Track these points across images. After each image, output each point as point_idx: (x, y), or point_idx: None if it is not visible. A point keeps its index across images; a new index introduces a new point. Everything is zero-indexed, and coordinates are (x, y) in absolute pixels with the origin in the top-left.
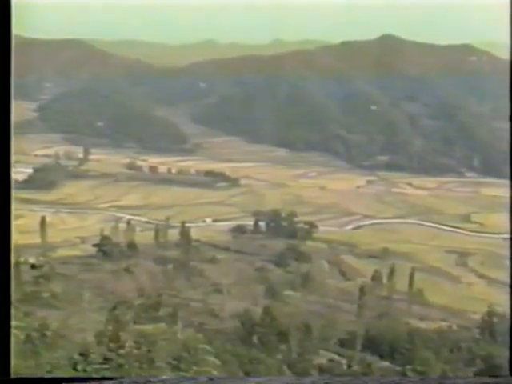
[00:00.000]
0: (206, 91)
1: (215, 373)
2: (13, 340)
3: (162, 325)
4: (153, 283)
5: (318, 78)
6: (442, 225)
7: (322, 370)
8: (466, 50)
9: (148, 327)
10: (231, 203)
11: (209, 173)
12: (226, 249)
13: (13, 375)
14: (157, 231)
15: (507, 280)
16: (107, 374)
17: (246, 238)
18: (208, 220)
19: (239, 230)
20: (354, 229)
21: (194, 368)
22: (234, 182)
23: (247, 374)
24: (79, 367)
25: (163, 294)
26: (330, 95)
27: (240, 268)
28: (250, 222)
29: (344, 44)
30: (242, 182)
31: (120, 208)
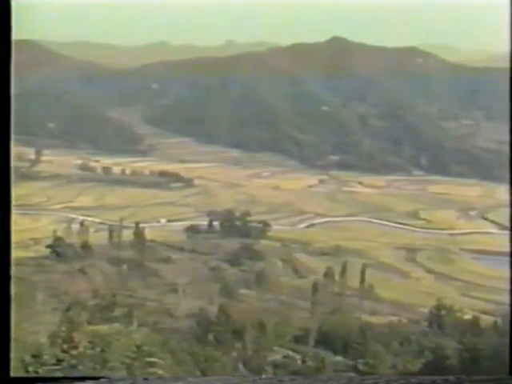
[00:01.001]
0: (158, 92)
1: (160, 372)
2: None
3: (117, 325)
4: (107, 284)
5: (270, 79)
6: (392, 222)
7: (276, 366)
8: (413, 52)
9: (102, 327)
10: (185, 203)
11: (163, 173)
12: (181, 249)
13: None
14: (111, 232)
15: (453, 274)
16: (59, 375)
17: (201, 238)
18: (162, 220)
19: (193, 230)
20: (306, 227)
21: (146, 368)
22: (187, 183)
23: (203, 372)
24: (31, 368)
25: (118, 294)
26: (282, 96)
27: (195, 267)
28: (204, 222)
29: (295, 46)
30: (196, 182)
31: (73, 209)
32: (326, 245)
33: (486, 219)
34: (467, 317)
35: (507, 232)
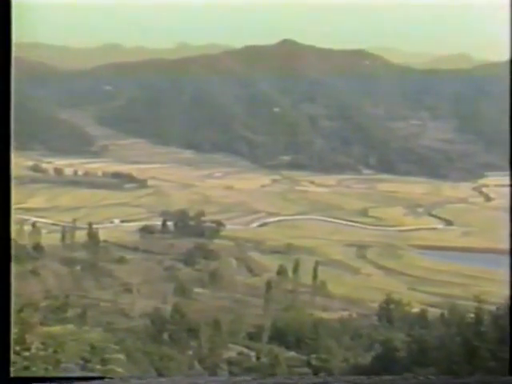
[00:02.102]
0: (111, 94)
1: (120, 371)
2: None
3: (70, 326)
4: (61, 284)
5: (223, 81)
6: (342, 220)
7: (231, 363)
8: (361, 54)
9: (55, 328)
10: (139, 204)
11: (116, 174)
12: (135, 249)
13: None
14: (64, 233)
15: (402, 269)
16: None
17: (155, 238)
18: (116, 221)
19: (147, 230)
20: (259, 226)
21: (99, 367)
22: (141, 183)
23: (158, 371)
24: None
25: (71, 295)
26: (234, 98)
27: (149, 267)
28: (158, 222)
29: (247, 48)
30: (150, 182)
31: (25, 210)
32: (278, 243)
33: (432, 216)
34: (415, 310)
35: (453, 227)
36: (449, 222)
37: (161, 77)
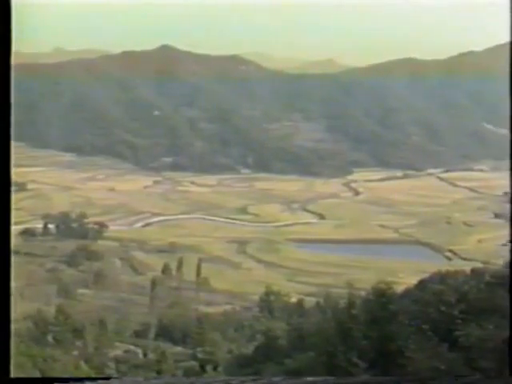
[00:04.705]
0: None
1: None
2: None
3: None
4: None
5: (102, 85)
6: (223, 218)
7: (118, 361)
8: (236, 60)
9: None
10: (19, 207)
11: None
12: (16, 252)
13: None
14: None
15: (280, 262)
16: None
17: (36, 241)
18: None
19: (28, 233)
20: (143, 226)
21: None
22: (20, 187)
23: (43, 372)
24: None
25: None
26: (113, 102)
27: (31, 270)
28: (39, 225)
29: (125, 53)
30: (30, 186)
31: None
32: (162, 242)
33: (306, 211)
34: (293, 300)
35: (326, 221)
36: (321, 216)
37: (38, 80)
